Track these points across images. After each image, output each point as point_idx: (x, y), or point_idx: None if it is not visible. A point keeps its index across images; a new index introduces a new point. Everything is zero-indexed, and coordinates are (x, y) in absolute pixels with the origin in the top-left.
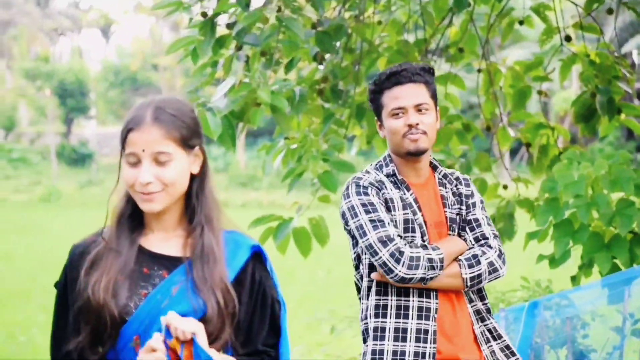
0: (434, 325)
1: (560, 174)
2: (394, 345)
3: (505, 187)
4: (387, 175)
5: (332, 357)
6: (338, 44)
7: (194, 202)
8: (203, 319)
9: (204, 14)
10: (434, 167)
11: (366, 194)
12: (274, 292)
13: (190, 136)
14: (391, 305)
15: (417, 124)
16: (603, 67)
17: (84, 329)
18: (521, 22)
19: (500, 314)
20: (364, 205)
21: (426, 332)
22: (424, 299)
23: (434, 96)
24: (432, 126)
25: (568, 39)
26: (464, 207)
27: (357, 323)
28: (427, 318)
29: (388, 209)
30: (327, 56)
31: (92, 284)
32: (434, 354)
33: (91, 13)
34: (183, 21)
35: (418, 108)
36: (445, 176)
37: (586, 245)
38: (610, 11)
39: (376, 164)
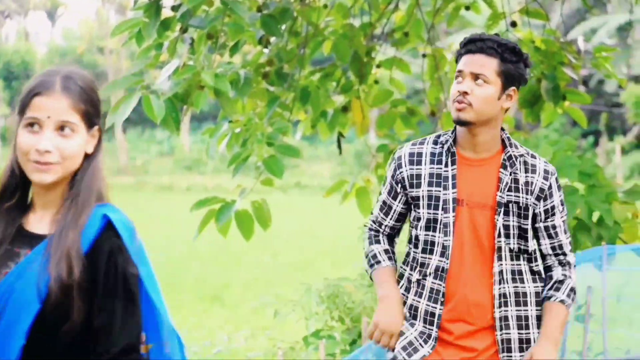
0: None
1: None
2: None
3: None
4: (440, 144)
5: (276, 341)
6: (283, 27)
7: (77, 178)
8: (47, 293)
9: None
10: (505, 146)
11: (389, 165)
12: (128, 265)
13: (94, 113)
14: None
15: (466, 93)
16: (549, 53)
17: None
18: (467, 8)
19: None
20: (385, 180)
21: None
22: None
23: (505, 75)
24: (484, 100)
25: (514, 24)
26: (529, 197)
27: (302, 307)
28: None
29: (413, 185)
30: (272, 39)
31: None
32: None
33: None
34: (129, 4)
35: (475, 76)
36: (510, 158)
37: None
38: None
39: (445, 132)
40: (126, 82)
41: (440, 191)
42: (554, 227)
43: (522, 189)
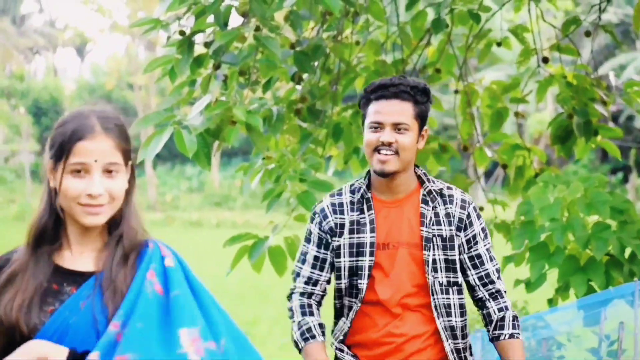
0: None
1: (536, 197)
2: None
3: (481, 209)
4: (354, 192)
5: None
6: (316, 63)
7: (117, 216)
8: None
9: (182, 33)
10: (422, 182)
11: (312, 220)
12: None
13: (129, 149)
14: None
15: (391, 143)
16: (580, 88)
17: None
18: (499, 44)
19: (477, 334)
20: (307, 232)
21: None
22: None
23: (420, 117)
24: (408, 147)
25: (545, 60)
26: (451, 228)
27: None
28: None
29: (336, 234)
30: (304, 76)
31: (5, 304)
32: None
33: (67, 32)
34: (159, 40)
35: (396, 127)
36: (429, 192)
37: (562, 268)
38: (587, 33)
39: (358, 179)
40: (158, 117)
41: (359, 237)
42: (478, 256)
43: (443, 221)
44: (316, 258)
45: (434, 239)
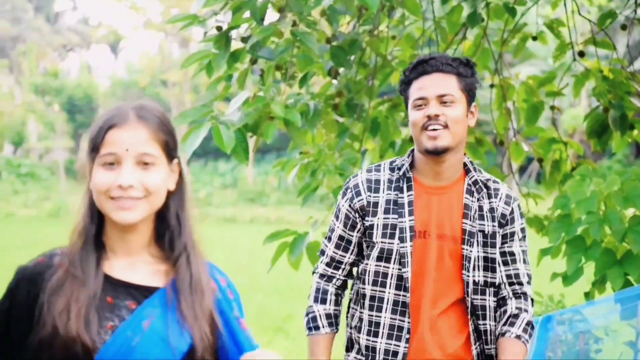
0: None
1: (573, 190)
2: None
3: None
4: (394, 170)
5: None
6: (352, 58)
7: (172, 223)
8: (189, 355)
9: (218, 28)
10: (467, 171)
11: (344, 195)
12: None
13: (173, 145)
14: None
15: (438, 115)
16: (616, 82)
17: None
18: (534, 38)
19: None
20: (337, 208)
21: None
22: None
23: (467, 89)
24: (457, 121)
25: (581, 54)
26: (494, 224)
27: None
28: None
29: (369, 213)
30: (341, 70)
31: (59, 313)
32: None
33: (100, 29)
34: (192, 37)
35: (442, 99)
36: (475, 183)
37: (599, 261)
38: (623, 27)
39: (401, 157)
40: (195, 113)
41: (396, 219)
42: (511, 253)
43: (486, 215)
44: (341, 237)
45: (477, 234)
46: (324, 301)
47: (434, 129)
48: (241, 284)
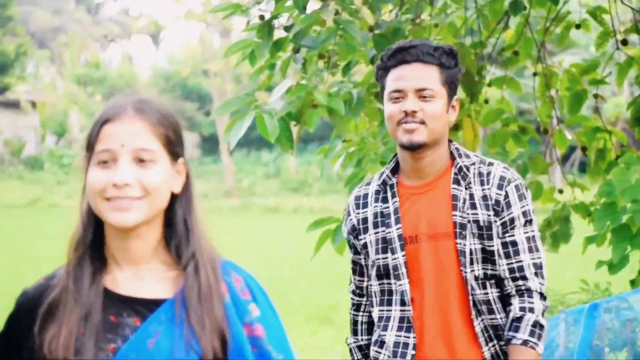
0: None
1: (618, 178)
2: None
3: (560, 191)
4: (379, 180)
5: None
6: None
7: (179, 229)
8: None
9: (261, 17)
10: (454, 159)
11: (344, 219)
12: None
13: (176, 141)
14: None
15: (415, 112)
16: None
17: None
18: (578, 26)
19: (560, 315)
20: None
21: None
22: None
23: (448, 82)
24: (436, 117)
25: (624, 42)
26: (489, 213)
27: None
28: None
29: (361, 231)
30: None
31: (49, 341)
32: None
33: (141, 20)
34: (233, 27)
35: (420, 94)
36: (460, 170)
37: None
38: None
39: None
40: (239, 102)
41: (384, 231)
42: (513, 243)
43: (479, 204)
44: (355, 263)
45: (469, 225)
46: (355, 332)
47: (408, 124)
48: (286, 274)
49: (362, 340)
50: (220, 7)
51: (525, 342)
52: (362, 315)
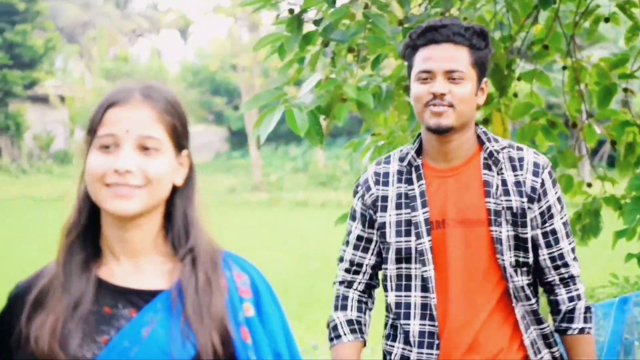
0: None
1: None
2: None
3: (589, 185)
4: (403, 160)
5: None
6: None
7: (178, 222)
8: None
9: (291, 11)
10: (482, 143)
11: (355, 194)
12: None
13: (182, 132)
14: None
15: (444, 95)
16: None
17: None
18: (607, 20)
19: None
20: (352, 210)
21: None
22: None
23: (479, 64)
24: (465, 99)
25: None
26: (523, 200)
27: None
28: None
29: (379, 208)
30: None
31: (35, 330)
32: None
33: (169, 14)
34: (262, 22)
35: (450, 75)
36: (491, 155)
37: None
38: None
39: (408, 145)
40: (268, 96)
41: (409, 213)
42: (553, 232)
43: (512, 190)
44: (359, 238)
45: (503, 212)
46: (344, 307)
47: (436, 107)
48: (314, 268)
49: (352, 315)
50: (249, 1)
51: (582, 330)
52: (354, 292)
